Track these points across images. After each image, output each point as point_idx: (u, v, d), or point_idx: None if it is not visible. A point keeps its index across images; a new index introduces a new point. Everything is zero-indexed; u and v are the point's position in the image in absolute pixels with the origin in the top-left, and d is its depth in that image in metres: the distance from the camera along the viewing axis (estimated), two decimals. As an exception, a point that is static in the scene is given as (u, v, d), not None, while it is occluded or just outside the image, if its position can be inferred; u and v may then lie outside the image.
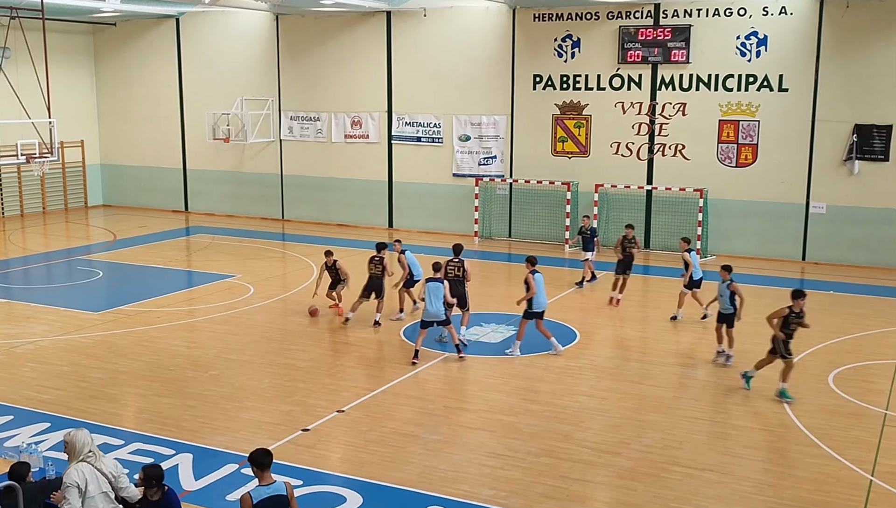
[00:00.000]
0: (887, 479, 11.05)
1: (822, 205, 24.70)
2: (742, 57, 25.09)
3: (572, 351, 16.50)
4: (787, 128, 24.82)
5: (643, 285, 23.07)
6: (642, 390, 14.41)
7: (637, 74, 26.43)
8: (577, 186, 27.30)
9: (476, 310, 19.38)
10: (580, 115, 27.37)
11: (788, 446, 12.22)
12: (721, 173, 25.71)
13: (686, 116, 26.00)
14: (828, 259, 24.66)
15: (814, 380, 14.84)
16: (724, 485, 10.93)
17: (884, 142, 23.70)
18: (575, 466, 11.43)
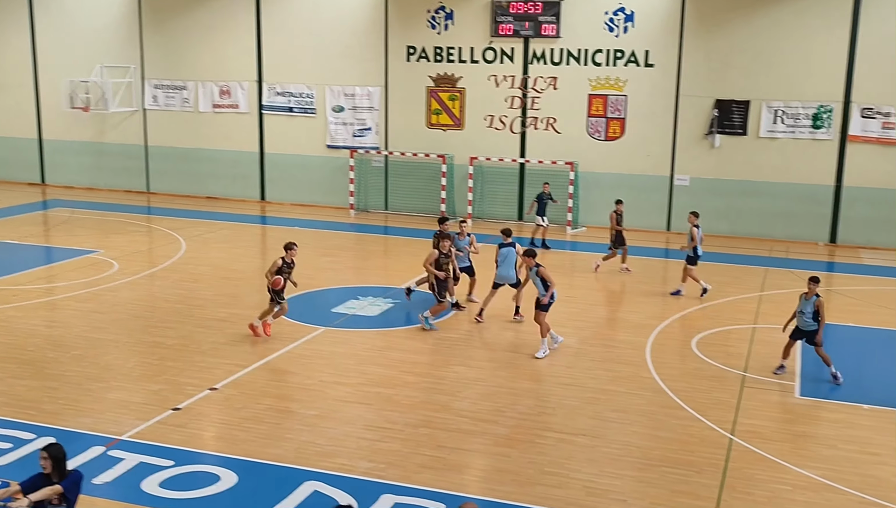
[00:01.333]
0: (746, 437, 11.61)
1: (685, 178, 25.66)
2: (610, 32, 25.66)
3: (449, 322, 16.61)
4: (653, 102, 25.61)
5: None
6: (517, 359, 14.64)
7: (509, 48, 26.66)
8: (451, 159, 27.40)
9: (353, 283, 19.26)
10: (454, 88, 27.43)
11: (655, 409, 12.67)
12: (591, 146, 26.31)
13: (557, 90, 26.44)
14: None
15: (679, 345, 15.45)
16: (596, 449, 11.25)
17: (742, 116, 24.79)
18: (452, 436, 11.52)
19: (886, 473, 10.72)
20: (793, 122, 24.43)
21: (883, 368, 14.90)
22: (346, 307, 17.31)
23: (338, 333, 15.72)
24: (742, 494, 10.10)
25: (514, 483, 10.28)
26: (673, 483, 10.34)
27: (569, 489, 10.15)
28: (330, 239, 24.46)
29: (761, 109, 24.61)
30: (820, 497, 10.09)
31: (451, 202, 27.46)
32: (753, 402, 12.89)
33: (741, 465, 10.83)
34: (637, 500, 9.94)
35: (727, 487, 10.26)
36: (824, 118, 24.14)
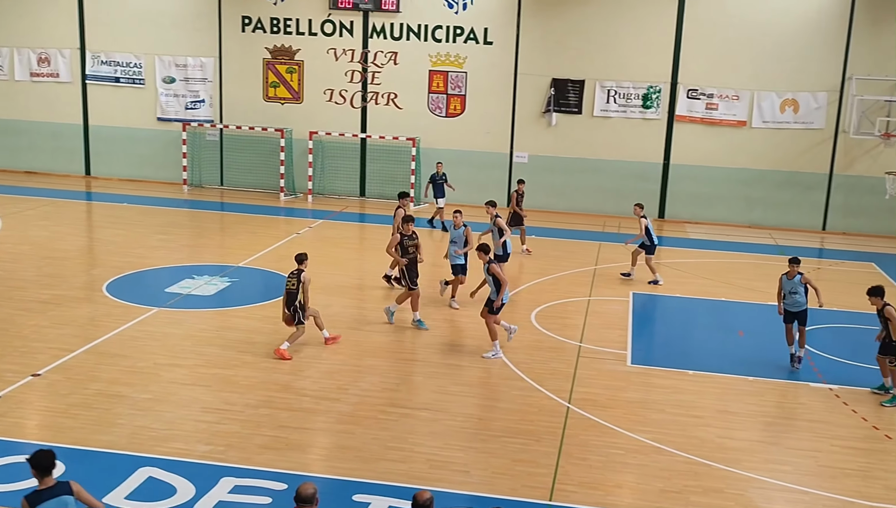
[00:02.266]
0: (581, 405, 12.01)
1: (524, 155, 26.22)
2: (450, 9, 25.79)
3: (289, 299, 16.27)
4: (493, 80, 25.97)
5: (359, 232, 23.28)
6: (361, 336, 14.54)
7: (349, 21, 26.32)
8: (290, 133, 26.84)
9: (188, 262, 18.58)
10: (292, 60, 26.84)
11: (496, 381, 12.90)
12: (432, 123, 26.42)
13: (398, 65, 26.36)
14: (530, 205, 26.15)
15: (519, 319, 15.74)
16: (439, 422, 11.32)
17: (577, 95, 25.54)
18: (294, 415, 11.31)
19: (709, 434, 11.34)
20: (624, 102, 25.40)
21: (706, 336, 15.76)
22: (181, 286, 16.65)
23: (172, 313, 15.11)
24: (578, 460, 10.43)
25: (357, 459, 10.20)
26: (514, 453, 10.55)
27: (412, 462, 10.17)
28: (162, 215, 23.47)
29: (595, 89, 25.44)
30: (650, 459, 10.56)
31: (290, 177, 26.92)
32: (589, 371, 13.34)
33: (577, 432, 11.18)
34: (479, 470, 10.08)
35: (564, 454, 10.57)
36: (653, 98, 25.23)
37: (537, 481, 9.88)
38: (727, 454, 10.79)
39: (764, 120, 24.94)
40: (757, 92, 24.80)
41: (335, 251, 20.43)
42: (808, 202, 25.13)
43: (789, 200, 25.19)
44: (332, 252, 20.31)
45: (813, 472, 10.49)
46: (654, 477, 10.12)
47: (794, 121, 24.82)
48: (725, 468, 10.43)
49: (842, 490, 10.02)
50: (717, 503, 9.63)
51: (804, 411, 12.30)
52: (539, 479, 9.93)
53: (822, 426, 11.80)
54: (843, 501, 9.81)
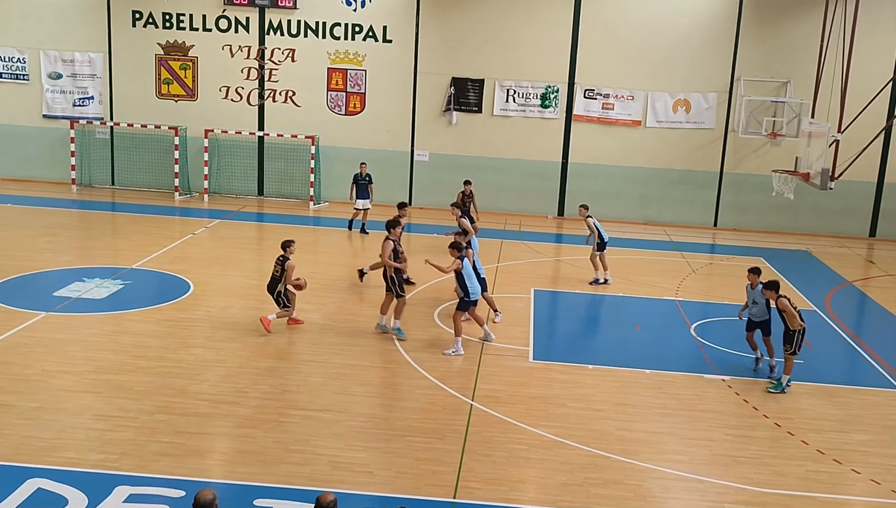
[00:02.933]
0: (485, 402, 12.07)
1: (425, 153, 26.24)
2: (348, 6, 25.59)
3: (186, 303, 15.86)
4: (393, 78, 25.89)
5: (257, 232, 22.88)
6: (259, 338, 14.25)
7: (244, 17, 25.83)
8: (185, 131, 26.16)
9: (78, 265, 17.90)
10: (186, 57, 26.17)
11: (400, 380, 12.85)
12: (331, 121, 26.17)
13: (295, 63, 26.01)
14: (431, 204, 26.31)
15: (422, 317, 15.75)
16: (341, 423, 11.20)
17: (478, 94, 25.71)
18: (191, 420, 11.00)
19: (609, 427, 11.56)
20: (524, 101, 25.70)
21: (605, 331, 16.08)
22: (70, 290, 16.02)
23: (61, 318, 14.51)
24: (482, 456, 10.47)
25: (258, 463, 9.99)
26: (417, 452, 10.51)
27: (315, 465, 10.03)
28: (50, 216, 22.53)
29: (495, 88, 25.65)
30: (552, 453, 10.68)
31: (184, 176, 26.25)
32: (491, 368, 13.41)
33: (481, 429, 11.23)
34: (383, 471, 10.00)
35: (468, 451, 10.59)
36: (552, 98, 25.60)
37: (441, 479, 9.87)
38: (626, 446, 11.01)
39: (658, 119, 25.62)
40: (651, 92, 25.46)
41: (233, 251, 20.00)
42: (701, 199, 25.93)
43: (682, 198, 25.95)
44: (229, 252, 19.88)
45: (707, 461, 10.80)
46: (557, 471, 10.24)
47: (686, 120, 25.58)
48: (625, 459, 10.64)
49: (735, 478, 10.35)
50: (617, 494, 9.81)
51: (698, 402, 12.65)
52: (443, 477, 9.93)
53: (715, 416, 12.17)
54: (736, 488, 10.13)
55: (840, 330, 16.51)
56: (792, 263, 21.62)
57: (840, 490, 10.25)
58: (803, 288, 19.10)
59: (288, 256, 14.38)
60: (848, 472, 10.65)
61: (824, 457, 11.00)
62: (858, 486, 10.36)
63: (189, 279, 17.26)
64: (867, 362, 14.83)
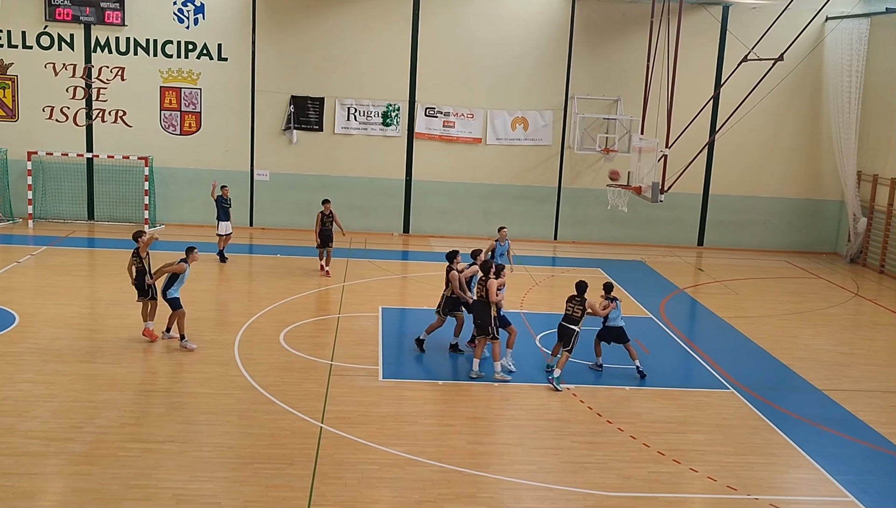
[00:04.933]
0: (335, 424, 11.88)
1: (265, 173, 25.73)
2: (180, 23, 24.83)
3: (11, 335, 14.84)
4: (229, 96, 25.29)
5: (88, 258, 21.75)
6: (94, 369, 13.50)
7: (68, 34, 24.60)
8: (6, 154, 24.59)
9: None
10: (5, 75, 24.64)
11: (246, 406, 12.45)
12: (166, 140, 25.27)
13: (126, 81, 24.97)
14: (273, 224, 25.81)
15: (266, 340, 15.36)
16: (185, 454, 10.74)
17: (318, 113, 25.47)
18: (21, 460, 10.27)
19: (460, 441, 11.62)
20: (365, 119, 25.66)
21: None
22: None
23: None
24: (333, 479, 10.29)
25: (96, 501, 9.43)
26: (266, 479, 10.21)
27: (158, 499, 9.56)
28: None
29: (335, 106, 25.49)
30: (405, 471, 10.62)
31: (6, 201, 24.66)
32: (341, 389, 13.23)
33: (332, 451, 11.04)
34: (231, 500, 9.66)
35: (319, 474, 10.38)
36: (393, 116, 25.69)
37: (292, 505, 9.62)
38: (478, 459, 11.10)
39: (497, 137, 26.18)
40: (490, 110, 25.99)
41: (61, 279, 18.90)
42: (541, 214, 26.65)
43: (523, 212, 26.58)
44: (57, 280, 18.78)
45: (556, 469, 11.03)
46: (410, 489, 10.18)
47: (524, 137, 26.27)
48: (476, 472, 10.71)
49: (582, 484, 10.61)
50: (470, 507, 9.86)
51: (545, 412, 12.92)
52: (294, 503, 9.68)
53: (562, 424, 12.46)
54: (584, 493, 10.39)
55: (674, 335, 17.30)
56: (628, 272, 22.54)
57: (680, 489, 10.69)
58: (639, 296, 19.93)
59: (138, 245, 14.80)
60: (686, 471, 11.13)
61: (664, 458, 11.45)
62: (697, 484, 10.84)
63: (13, 310, 16.17)
64: (700, 365, 15.59)
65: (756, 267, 24.45)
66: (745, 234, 27.03)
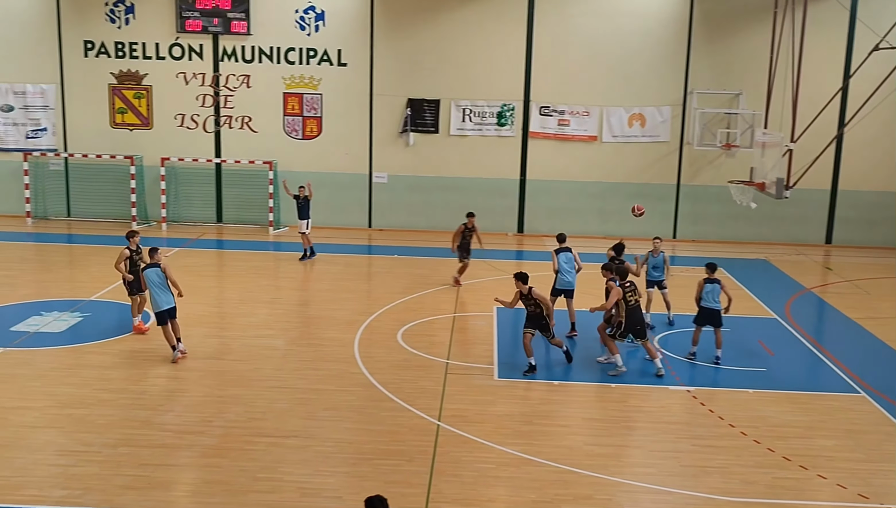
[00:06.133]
0: (451, 422, 12.04)
1: (383, 175, 26.23)
2: (302, 31, 25.58)
3: (147, 334, 15.64)
4: (349, 101, 25.89)
5: (217, 259, 22.68)
6: (223, 366, 14.12)
7: (198, 44, 25.70)
8: (141, 160, 25.91)
9: (35, 298, 17.60)
10: (140, 85, 25.96)
11: (365, 403, 12.77)
12: (288, 145, 26.08)
13: (251, 88, 25.91)
14: (391, 225, 26.30)
15: (385, 339, 15.68)
16: (308, 449, 11.10)
17: (434, 115, 25.79)
18: (156, 452, 10.84)
19: (577, 442, 11.59)
20: (480, 120, 25.84)
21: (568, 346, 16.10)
22: (28, 324, 15.73)
23: (19, 353, 14.23)
24: (451, 477, 10.43)
25: (225, 493, 9.87)
26: (386, 474, 10.45)
27: (282, 492, 9.92)
28: (5, 250, 22.15)
29: (451, 108, 25.75)
30: (521, 471, 10.68)
31: (141, 206, 25.98)
32: (457, 388, 13.39)
33: (449, 449, 11.19)
34: (352, 495, 9.92)
35: (437, 472, 10.55)
36: (508, 116, 25.76)
37: (410, 501, 9.81)
38: (594, 460, 11.04)
39: (613, 134, 25.89)
40: (606, 108, 25.73)
41: (193, 279, 19.76)
42: (659, 212, 26.19)
43: (641, 211, 26.16)
44: (189, 280, 19.63)
45: (675, 472, 10.86)
46: (526, 489, 10.23)
47: (641, 134, 25.88)
48: (593, 474, 10.66)
49: (703, 488, 10.41)
50: (587, 509, 9.83)
51: (664, 413, 12.73)
52: (412, 499, 9.87)
53: (682, 427, 12.25)
54: (705, 498, 10.19)
55: (801, 336, 16.74)
56: (751, 272, 21.91)
57: (807, 497, 10.36)
58: (763, 296, 19.36)
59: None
60: (814, 478, 10.77)
61: (790, 464, 11.12)
62: (825, 491, 10.48)
63: (149, 309, 17.03)
64: (829, 367, 15.04)
65: (889, 265, 23.36)
66: (877, 231, 25.84)
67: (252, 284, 19.51)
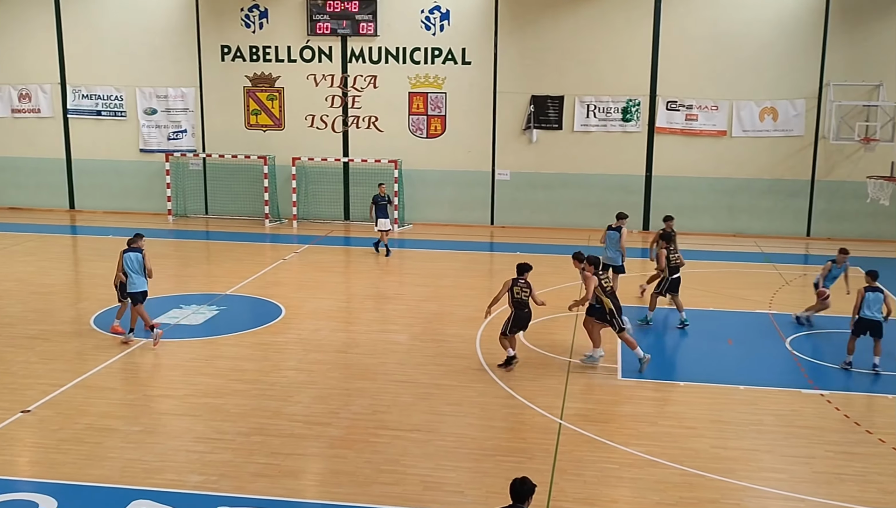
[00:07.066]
0: (574, 421, 11.99)
1: (506, 172, 26.32)
2: (427, 31, 25.94)
3: (278, 326, 16.24)
4: (472, 99, 26.10)
5: (345, 256, 23.27)
6: (349, 359, 14.50)
7: (327, 46, 26.43)
8: (273, 160, 26.87)
9: (175, 292, 18.51)
10: (272, 88, 26.90)
11: (487, 400, 12.86)
12: (413, 144, 26.51)
13: (377, 89, 26.46)
14: (513, 222, 26.37)
15: (507, 336, 15.72)
16: (431, 443, 11.28)
17: (557, 111, 25.69)
18: (286, 441, 11.25)
19: (703, 445, 11.34)
20: (604, 116, 25.56)
21: (695, 346, 15.79)
22: (169, 317, 16.59)
23: (160, 344, 15.03)
24: (573, 476, 10.40)
25: (351, 483, 10.15)
26: (508, 471, 10.48)
27: (406, 485, 10.12)
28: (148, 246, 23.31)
29: (575, 104, 25.59)
30: (645, 472, 10.54)
31: (274, 204, 26.94)
32: (579, 386, 13.33)
33: (570, 448, 11.16)
34: (473, 490, 10.03)
35: (558, 470, 10.54)
36: (633, 111, 25.40)
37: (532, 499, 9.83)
38: (721, 464, 10.79)
39: (744, 129, 25.14)
40: (735, 101, 25.01)
41: (321, 275, 20.41)
42: (792, 209, 25.29)
43: (773, 208, 25.35)
44: (318, 276, 20.29)
45: (808, 479, 10.49)
46: (650, 490, 10.10)
47: (773, 129, 25.03)
48: (720, 478, 10.42)
49: (838, 496, 10.02)
50: (712, 513, 9.62)
51: (796, 417, 12.31)
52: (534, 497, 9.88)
53: (815, 432, 11.81)
54: (839, 506, 9.81)
55: (945, 340, 15.82)
56: (893, 272, 20.86)
57: (950, 508, 9.83)
58: (904, 298, 18.39)
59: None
60: (958, 489, 10.21)
61: (932, 473, 10.57)
62: (970, 503, 9.92)
63: (280, 303, 17.68)
64: (976, 373, 14.18)
65: None
66: None
67: (377, 280, 19.96)
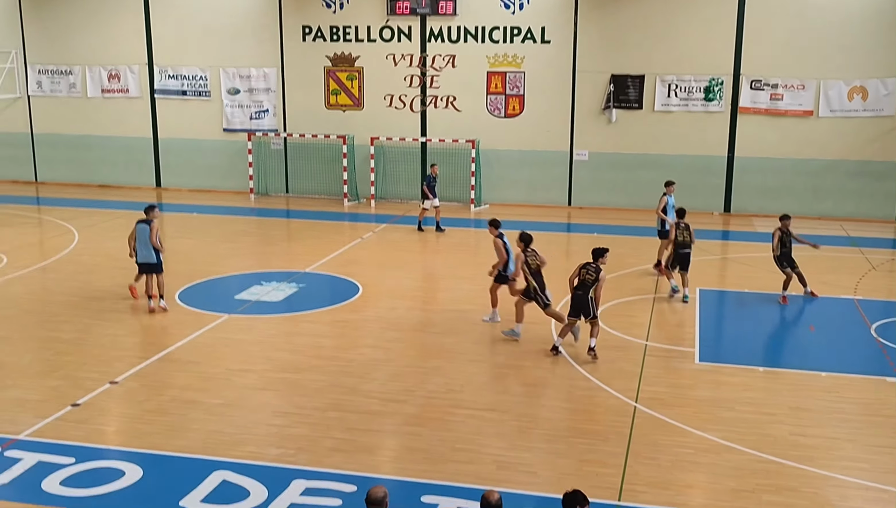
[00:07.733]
0: (649, 404, 11.91)
1: (584, 153, 26.08)
2: (506, 9, 25.79)
3: (356, 304, 16.49)
4: (551, 78, 25.89)
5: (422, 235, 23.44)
6: (425, 338, 14.65)
7: (406, 26, 26.52)
8: (352, 140, 27.16)
9: (256, 269, 18.94)
10: (352, 67, 27.14)
11: (561, 381, 12.87)
12: (491, 124, 26.46)
13: (456, 68, 26.46)
14: (591, 203, 26.15)
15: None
16: (505, 423, 11.34)
17: (637, 91, 25.31)
18: (362, 417, 11.46)
19: (782, 432, 11.15)
20: (686, 95, 25.08)
21: (776, 331, 15.49)
22: (250, 293, 17.00)
23: (242, 320, 15.43)
24: (647, 459, 10.35)
25: (425, 461, 10.29)
26: (581, 453, 10.52)
27: (480, 464, 10.22)
28: (230, 224, 23.96)
29: (655, 83, 25.17)
30: (721, 458, 10.42)
31: (352, 183, 27.26)
32: (655, 370, 13.21)
33: (645, 431, 11.09)
34: (546, 471, 10.07)
35: (633, 453, 10.49)
36: (716, 90, 24.86)
37: (605, 481, 9.83)
38: (801, 451, 10.59)
39: (831, 109, 24.38)
40: (823, 81, 24.26)
41: (399, 254, 20.61)
42: (881, 191, 24.47)
43: (860, 190, 24.57)
44: (396, 255, 20.50)
45: (892, 469, 10.23)
46: (726, 476, 9.98)
47: (862, 109, 24.20)
48: (799, 466, 10.24)
49: (921, 488, 9.76)
50: (791, 501, 9.46)
51: (881, 406, 11.99)
52: (607, 479, 9.88)
53: (899, 421, 11.51)
54: (923, 498, 9.55)
55: None
56: None
57: None
58: None
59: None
60: None
61: None
62: None
63: (358, 281, 17.94)
64: None
65: None
66: None
67: (454, 259, 20.08)
